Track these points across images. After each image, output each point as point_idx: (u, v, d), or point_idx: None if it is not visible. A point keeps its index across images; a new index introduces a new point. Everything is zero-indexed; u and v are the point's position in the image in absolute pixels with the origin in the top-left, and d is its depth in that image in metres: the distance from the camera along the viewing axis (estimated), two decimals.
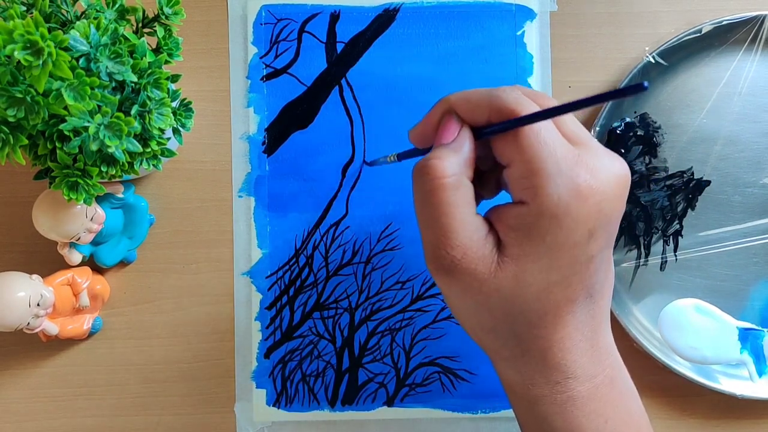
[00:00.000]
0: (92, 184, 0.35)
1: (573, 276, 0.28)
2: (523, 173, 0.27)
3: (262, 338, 0.44)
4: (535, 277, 0.27)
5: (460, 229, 0.28)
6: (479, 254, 0.28)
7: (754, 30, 0.43)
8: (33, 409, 0.44)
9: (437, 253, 0.28)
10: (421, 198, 0.28)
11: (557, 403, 0.29)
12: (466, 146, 0.29)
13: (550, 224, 0.26)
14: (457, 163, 0.28)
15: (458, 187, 0.28)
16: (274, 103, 0.45)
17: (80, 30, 0.30)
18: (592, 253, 0.28)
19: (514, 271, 0.27)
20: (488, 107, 0.28)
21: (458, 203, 0.28)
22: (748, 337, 0.42)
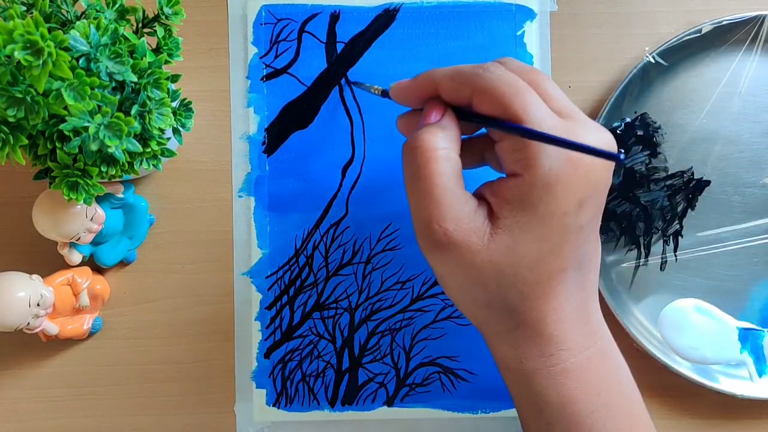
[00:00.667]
0: (92, 184, 0.35)
1: (564, 245, 0.28)
2: (515, 146, 0.28)
3: (262, 338, 0.44)
4: (528, 247, 0.28)
5: (452, 201, 0.28)
6: (472, 226, 0.28)
7: (754, 30, 0.43)
8: (33, 409, 0.44)
9: (430, 227, 0.28)
10: (411, 172, 0.29)
11: (551, 375, 0.29)
12: (451, 125, 0.30)
13: (543, 193, 0.27)
14: (445, 137, 0.29)
15: (448, 160, 0.28)
16: (274, 103, 0.45)
17: (80, 30, 0.30)
18: (581, 222, 0.28)
19: (507, 241, 0.28)
20: (471, 87, 0.29)
21: (449, 175, 0.28)
22: (748, 337, 0.42)
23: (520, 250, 0.28)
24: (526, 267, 0.28)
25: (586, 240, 0.29)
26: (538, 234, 0.28)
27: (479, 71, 0.29)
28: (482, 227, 0.28)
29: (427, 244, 0.29)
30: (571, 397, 0.29)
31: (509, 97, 0.28)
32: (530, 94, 0.28)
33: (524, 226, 0.28)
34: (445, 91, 0.30)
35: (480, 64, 0.30)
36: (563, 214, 0.27)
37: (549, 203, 0.27)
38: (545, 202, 0.27)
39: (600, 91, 0.45)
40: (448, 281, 0.31)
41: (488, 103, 0.28)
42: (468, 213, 0.28)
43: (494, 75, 0.28)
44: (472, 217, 0.28)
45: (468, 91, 0.29)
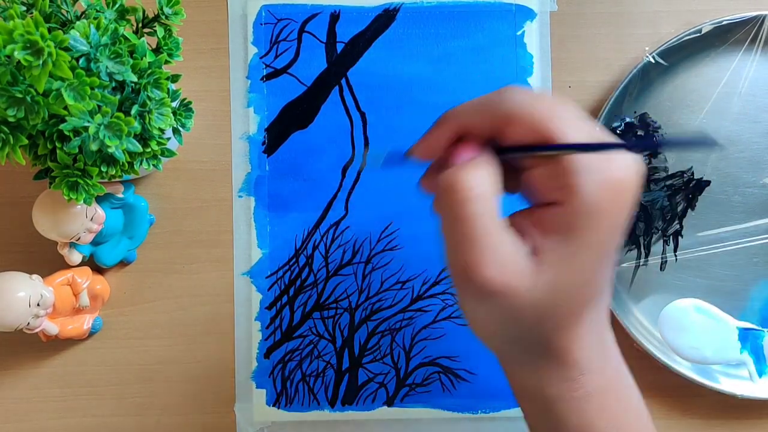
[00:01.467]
0: (92, 184, 0.35)
1: (597, 273, 0.27)
2: (554, 172, 0.26)
3: (262, 338, 0.44)
4: (569, 280, 0.26)
5: (495, 244, 0.26)
6: (517, 269, 0.26)
7: (754, 30, 0.43)
8: (33, 409, 0.44)
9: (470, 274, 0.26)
10: (447, 212, 0.27)
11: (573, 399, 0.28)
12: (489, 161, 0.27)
13: (588, 222, 0.25)
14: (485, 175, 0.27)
15: (486, 200, 0.26)
16: (274, 103, 0.45)
17: (80, 30, 0.30)
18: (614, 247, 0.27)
19: (550, 279, 0.26)
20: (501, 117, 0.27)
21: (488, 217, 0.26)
22: (748, 337, 0.42)
23: (561, 284, 0.26)
24: (564, 300, 0.27)
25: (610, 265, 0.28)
26: (578, 265, 0.26)
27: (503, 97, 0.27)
28: (527, 267, 0.26)
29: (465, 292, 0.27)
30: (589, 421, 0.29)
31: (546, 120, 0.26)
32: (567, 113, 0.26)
33: (566, 259, 0.26)
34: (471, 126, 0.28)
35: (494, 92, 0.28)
36: (603, 243, 0.26)
37: (593, 232, 0.26)
38: (589, 230, 0.25)
39: (600, 91, 0.45)
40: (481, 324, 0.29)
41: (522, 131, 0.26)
42: (512, 256, 0.26)
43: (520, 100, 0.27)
44: (516, 260, 0.26)
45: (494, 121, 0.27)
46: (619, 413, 0.30)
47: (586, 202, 0.25)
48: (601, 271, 0.27)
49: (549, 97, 0.28)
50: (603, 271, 0.28)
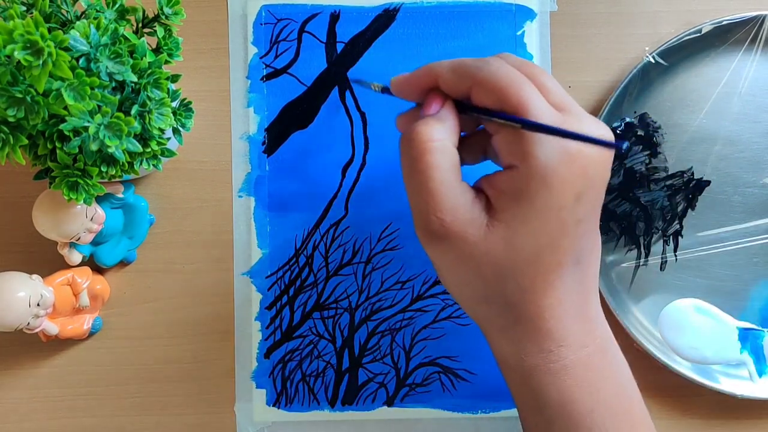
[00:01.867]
0: (92, 184, 0.35)
1: (561, 239, 0.28)
2: (513, 138, 0.28)
3: (262, 338, 0.44)
4: (526, 240, 0.28)
5: (449, 192, 0.28)
6: (469, 217, 0.28)
7: (754, 30, 0.43)
8: (33, 409, 0.44)
9: (427, 218, 0.28)
10: (408, 164, 0.29)
11: (550, 372, 0.29)
12: (449, 117, 0.30)
13: (540, 186, 0.27)
14: (441, 129, 0.29)
15: (444, 152, 0.28)
16: (274, 103, 0.45)
17: (80, 30, 0.30)
18: (579, 216, 0.28)
19: (504, 234, 0.28)
20: (471, 79, 0.29)
21: (445, 167, 0.28)
22: (748, 337, 0.42)
23: (518, 243, 0.28)
24: (524, 260, 0.28)
25: (585, 234, 0.29)
26: (536, 227, 0.28)
27: (480, 64, 0.29)
28: (479, 218, 0.28)
29: (424, 235, 0.29)
30: (570, 395, 0.29)
31: (508, 89, 0.28)
32: (529, 87, 0.28)
33: (521, 219, 0.28)
34: (445, 83, 0.30)
35: (481, 58, 0.30)
36: (560, 208, 0.27)
37: (545, 196, 0.27)
38: (542, 194, 0.27)
39: (600, 91, 0.45)
40: (447, 275, 0.31)
41: (487, 95, 0.28)
42: (465, 204, 0.28)
43: (493, 67, 0.29)
44: (469, 208, 0.28)
45: (467, 84, 0.29)
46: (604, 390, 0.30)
47: (538, 167, 0.27)
48: (566, 237, 0.28)
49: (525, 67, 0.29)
50: (570, 237, 0.28)
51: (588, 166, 0.28)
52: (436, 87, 0.31)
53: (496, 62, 0.29)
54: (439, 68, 0.30)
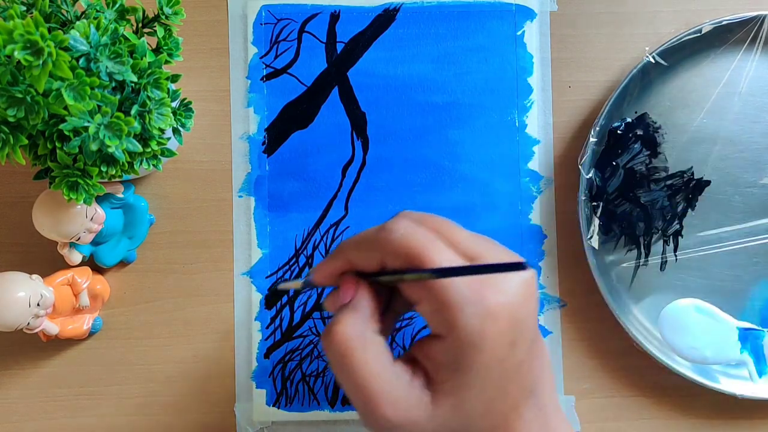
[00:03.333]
0: (92, 184, 0.35)
1: (508, 385, 0.28)
2: (434, 308, 0.27)
3: (262, 338, 0.44)
4: (474, 402, 0.27)
5: (384, 385, 0.27)
6: (411, 402, 0.27)
7: (754, 30, 0.43)
8: (33, 409, 0.44)
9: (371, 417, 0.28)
10: (335, 364, 0.28)
11: None
12: (364, 303, 0.29)
13: (473, 353, 0.27)
14: (359, 321, 0.28)
15: (366, 346, 0.28)
16: (274, 103, 0.45)
17: (80, 30, 0.30)
18: (519, 359, 0.28)
19: (451, 402, 0.27)
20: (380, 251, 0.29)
21: (373, 360, 0.28)
22: (748, 337, 0.42)
23: (467, 407, 0.28)
24: (477, 417, 0.28)
25: (530, 368, 0.29)
26: (480, 388, 0.27)
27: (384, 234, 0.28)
28: (422, 399, 0.28)
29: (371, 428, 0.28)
30: None
31: (415, 253, 0.27)
32: (433, 244, 0.28)
33: (464, 386, 0.27)
34: (358, 263, 0.30)
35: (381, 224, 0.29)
36: (498, 361, 0.27)
37: (481, 361, 0.27)
38: (478, 360, 0.27)
39: (600, 91, 0.45)
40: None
41: (398, 263, 0.28)
42: (403, 390, 0.28)
43: (396, 234, 0.28)
44: (409, 393, 0.28)
45: (376, 257, 0.29)
46: None
47: (466, 335, 0.26)
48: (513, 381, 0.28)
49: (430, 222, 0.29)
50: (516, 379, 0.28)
51: (513, 313, 0.27)
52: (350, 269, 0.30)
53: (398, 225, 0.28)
54: (346, 248, 0.30)
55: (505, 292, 0.27)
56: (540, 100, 0.45)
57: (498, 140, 0.44)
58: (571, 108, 0.45)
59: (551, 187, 0.45)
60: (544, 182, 0.45)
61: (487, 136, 0.44)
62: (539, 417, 0.29)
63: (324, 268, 0.31)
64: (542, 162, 0.45)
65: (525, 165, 0.45)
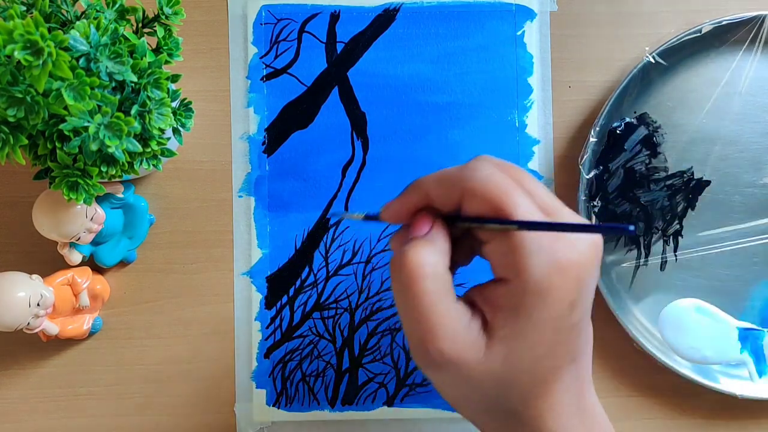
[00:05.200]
0: (92, 184, 0.35)
1: (557, 346, 0.28)
2: (504, 250, 0.27)
3: (262, 338, 0.44)
4: (524, 354, 0.27)
5: (445, 319, 0.27)
6: (467, 342, 0.27)
7: (754, 30, 0.43)
8: (33, 409, 0.44)
9: (423, 347, 0.27)
10: (399, 291, 0.28)
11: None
12: (441, 238, 0.29)
13: (536, 300, 0.27)
14: (432, 252, 0.28)
15: (436, 277, 0.28)
16: (274, 103, 0.45)
17: (80, 30, 0.30)
18: (573, 321, 0.28)
19: (503, 351, 0.27)
20: (460, 190, 0.28)
21: (438, 293, 0.28)
22: (748, 337, 0.42)
23: (516, 358, 0.27)
24: (523, 371, 0.28)
25: (579, 335, 0.29)
26: (533, 340, 0.27)
27: (467, 173, 0.28)
28: (477, 340, 0.28)
29: (422, 362, 0.28)
30: None
31: (498, 197, 0.27)
32: (518, 193, 0.27)
33: (519, 334, 0.27)
34: (435, 199, 0.30)
35: (466, 164, 0.29)
36: (556, 318, 0.27)
37: (542, 310, 0.27)
38: (538, 309, 0.27)
39: (600, 91, 0.45)
40: (447, 392, 0.30)
41: (478, 205, 0.28)
42: (462, 329, 0.28)
43: (482, 175, 0.28)
44: (466, 332, 0.28)
45: (457, 195, 0.29)
46: None
47: (532, 282, 0.26)
48: (562, 343, 0.28)
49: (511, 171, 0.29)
50: (566, 343, 0.28)
51: (581, 273, 0.27)
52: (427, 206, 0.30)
53: (482, 167, 0.28)
54: (426, 184, 0.30)
55: (576, 250, 0.27)
56: (540, 100, 0.45)
57: (498, 140, 0.44)
58: (571, 108, 0.45)
59: (551, 187, 0.45)
60: (544, 182, 0.45)
61: (487, 136, 0.44)
62: (575, 386, 0.30)
63: (398, 203, 0.31)
64: (542, 162, 0.45)
65: (525, 165, 0.45)
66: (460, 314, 0.28)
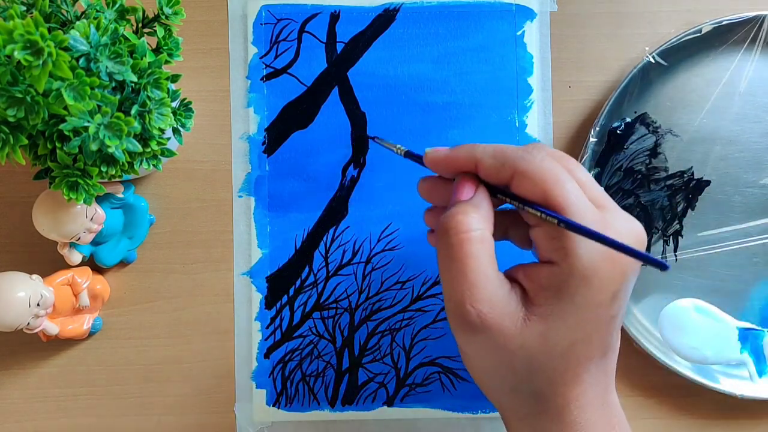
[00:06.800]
0: (92, 184, 0.35)
1: (594, 334, 0.28)
2: (553, 234, 0.28)
3: (262, 338, 0.44)
4: (562, 336, 0.28)
5: (487, 283, 0.28)
6: (506, 309, 0.28)
7: (754, 30, 0.43)
8: (33, 409, 0.44)
9: (463, 308, 0.28)
10: (445, 252, 0.28)
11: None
12: (484, 204, 0.29)
13: (580, 285, 0.27)
14: (479, 218, 0.29)
15: (483, 242, 0.28)
16: (274, 103, 0.45)
17: (80, 30, 0.30)
18: (613, 313, 0.28)
19: (541, 329, 0.28)
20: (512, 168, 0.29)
21: (484, 257, 0.28)
22: (748, 337, 0.42)
23: (553, 338, 0.28)
24: (557, 354, 0.28)
25: (614, 329, 0.29)
26: (572, 323, 0.28)
27: (522, 154, 0.29)
28: (516, 311, 0.28)
29: (459, 324, 0.28)
30: None
31: (551, 185, 0.28)
32: (571, 184, 0.28)
33: (559, 315, 0.27)
34: (484, 169, 0.30)
35: (522, 146, 0.30)
36: (598, 306, 0.27)
37: (585, 295, 0.27)
38: (582, 293, 0.27)
39: (600, 91, 0.45)
40: (476, 362, 0.30)
41: (529, 187, 0.28)
42: (503, 296, 0.28)
43: (537, 159, 0.28)
44: (506, 301, 0.28)
45: (509, 172, 0.29)
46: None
47: (580, 266, 0.27)
48: (598, 333, 0.28)
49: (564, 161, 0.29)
50: (602, 333, 0.28)
51: (626, 266, 0.28)
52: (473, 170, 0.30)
53: (539, 153, 0.29)
54: (481, 153, 0.30)
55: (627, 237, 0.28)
56: (540, 100, 0.45)
57: (498, 140, 0.44)
58: (571, 108, 0.45)
59: None
60: None
61: (487, 136, 0.44)
62: (603, 381, 0.30)
63: (447, 153, 0.31)
64: None
65: None
66: (502, 283, 0.28)
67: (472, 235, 0.28)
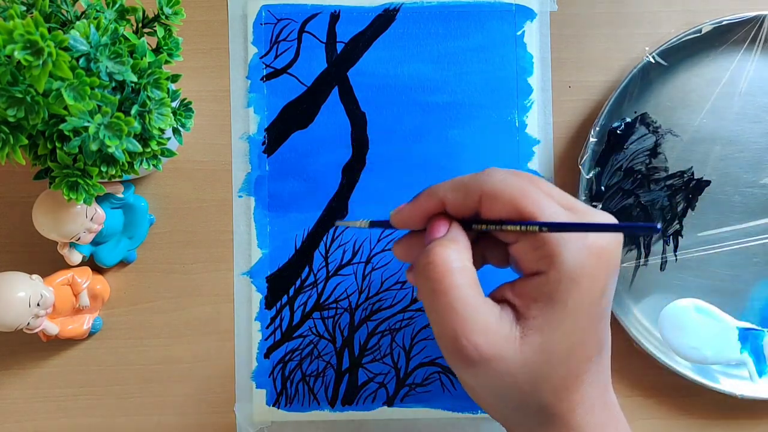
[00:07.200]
0: (92, 184, 0.35)
1: (590, 334, 0.28)
2: (534, 245, 0.28)
3: (262, 338, 0.44)
4: (560, 342, 0.28)
5: (476, 312, 0.27)
6: (501, 334, 0.27)
7: (754, 30, 0.43)
8: (33, 409, 0.44)
9: (458, 344, 0.27)
10: (429, 288, 0.28)
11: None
12: (460, 237, 0.29)
13: (571, 288, 0.27)
14: (457, 249, 0.29)
15: (464, 271, 0.28)
16: (274, 103, 0.45)
17: (80, 30, 0.30)
18: (603, 309, 0.29)
19: (539, 341, 0.28)
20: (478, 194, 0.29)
21: (468, 286, 0.28)
22: (748, 337, 0.42)
23: (552, 347, 0.28)
24: (557, 362, 0.28)
25: (606, 325, 0.30)
26: (568, 328, 0.28)
27: (484, 178, 0.29)
28: (511, 333, 0.28)
29: (457, 360, 0.28)
30: None
31: (520, 198, 0.28)
32: (538, 193, 0.28)
33: (554, 323, 0.27)
34: (451, 203, 0.30)
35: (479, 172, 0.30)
36: (590, 305, 0.28)
37: (577, 297, 0.27)
38: (573, 296, 0.27)
39: (600, 91, 0.45)
40: (480, 392, 0.30)
41: (499, 207, 0.28)
42: (495, 321, 0.28)
43: (499, 179, 0.28)
44: (499, 325, 0.28)
45: (475, 199, 0.29)
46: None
47: (568, 269, 0.27)
48: (593, 332, 0.28)
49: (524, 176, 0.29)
50: (596, 332, 0.29)
51: (610, 259, 0.28)
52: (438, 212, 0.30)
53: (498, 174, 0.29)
54: (442, 190, 0.30)
55: (604, 237, 0.28)
56: (540, 100, 0.45)
57: (498, 140, 0.45)
58: (571, 108, 0.45)
59: None
60: None
61: (487, 136, 0.44)
62: (601, 380, 0.30)
63: (411, 207, 0.31)
64: (542, 162, 0.45)
65: (525, 165, 0.45)
66: (491, 308, 0.28)
67: (453, 266, 0.28)
